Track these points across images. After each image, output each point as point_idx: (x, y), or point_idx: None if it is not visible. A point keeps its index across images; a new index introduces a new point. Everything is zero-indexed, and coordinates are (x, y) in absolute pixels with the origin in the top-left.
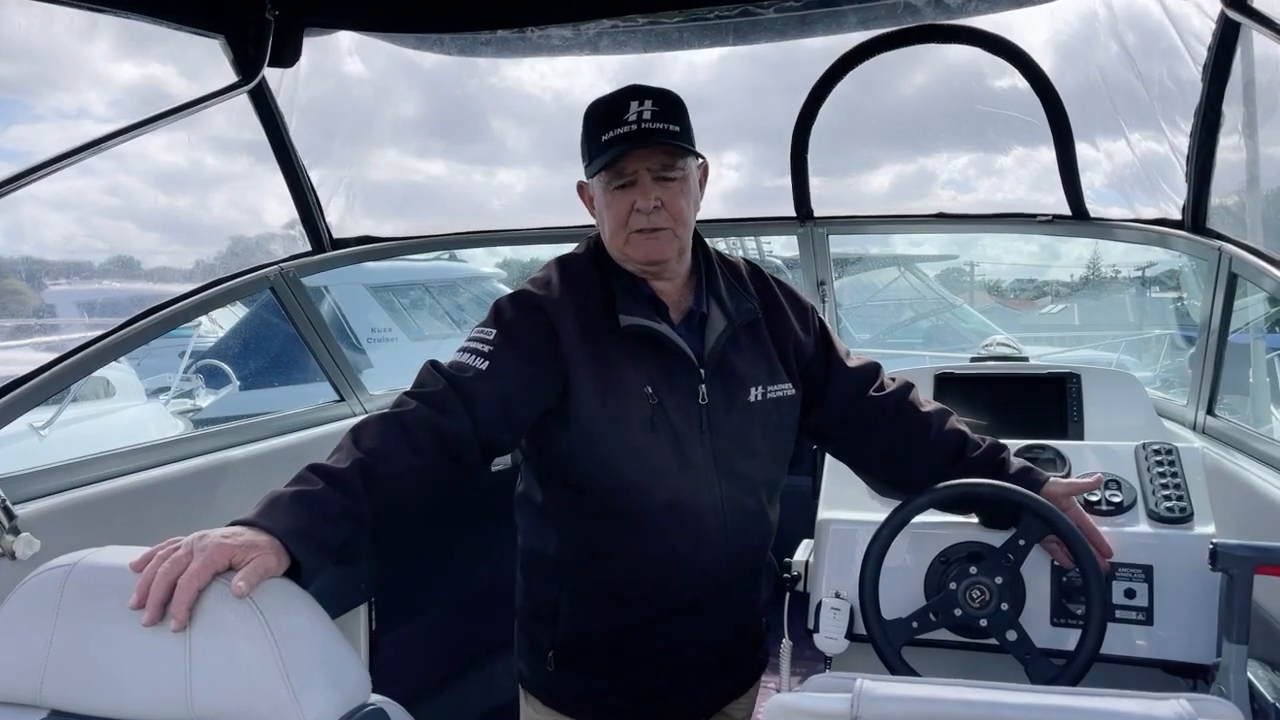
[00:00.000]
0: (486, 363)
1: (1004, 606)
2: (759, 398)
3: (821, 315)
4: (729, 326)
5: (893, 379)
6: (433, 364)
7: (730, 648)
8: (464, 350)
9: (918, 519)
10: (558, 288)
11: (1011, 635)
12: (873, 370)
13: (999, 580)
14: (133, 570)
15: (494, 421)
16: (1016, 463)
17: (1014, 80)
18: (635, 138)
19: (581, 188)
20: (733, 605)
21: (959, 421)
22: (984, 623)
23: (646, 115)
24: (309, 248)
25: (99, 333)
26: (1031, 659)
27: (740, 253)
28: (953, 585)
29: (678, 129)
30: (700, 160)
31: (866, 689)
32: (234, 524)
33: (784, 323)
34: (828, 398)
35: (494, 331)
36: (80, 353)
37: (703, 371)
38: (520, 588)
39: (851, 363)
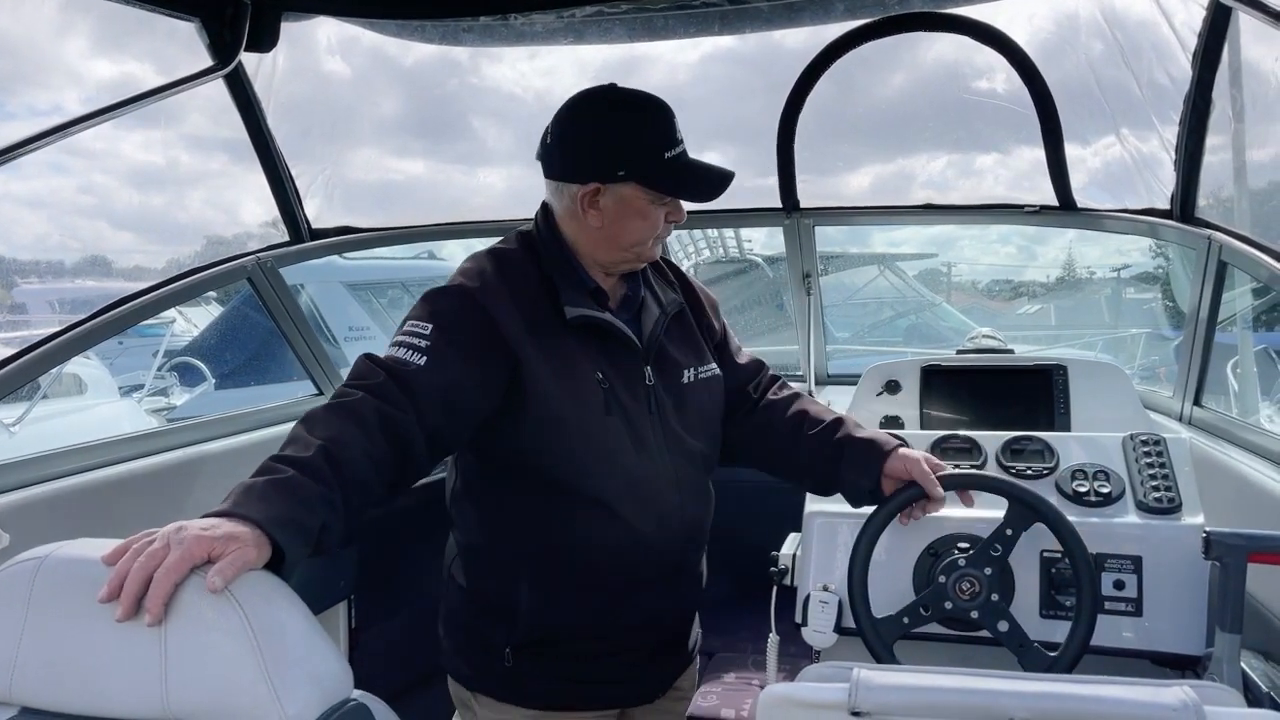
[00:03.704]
0: (424, 358)
1: (994, 597)
2: (692, 378)
3: (808, 307)
4: (662, 313)
5: (776, 376)
6: (369, 357)
7: (680, 622)
8: (398, 345)
9: None
10: (493, 279)
11: (1003, 626)
12: (755, 368)
13: (988, 571)
14: (105, 564)
15: (438, 415)
16: (861, 435)
17: (993, 83)
18: (711, 180)
19: (596, 191)
20: (683, 578)
21: (811, 403)
22: (975, 614)
23: (681, 134)
24: (287, 239)
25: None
26: (1025, 649)
27: (721, 248)
28: (942, 579)
29: None
30: None
31: (864, 678)
32: (209, 515)
33: (700, 308)
34: None
35: (429, 326)
36: (51, 341)
37: (645, 355)
38: (459, 589)
39: (740, 359)
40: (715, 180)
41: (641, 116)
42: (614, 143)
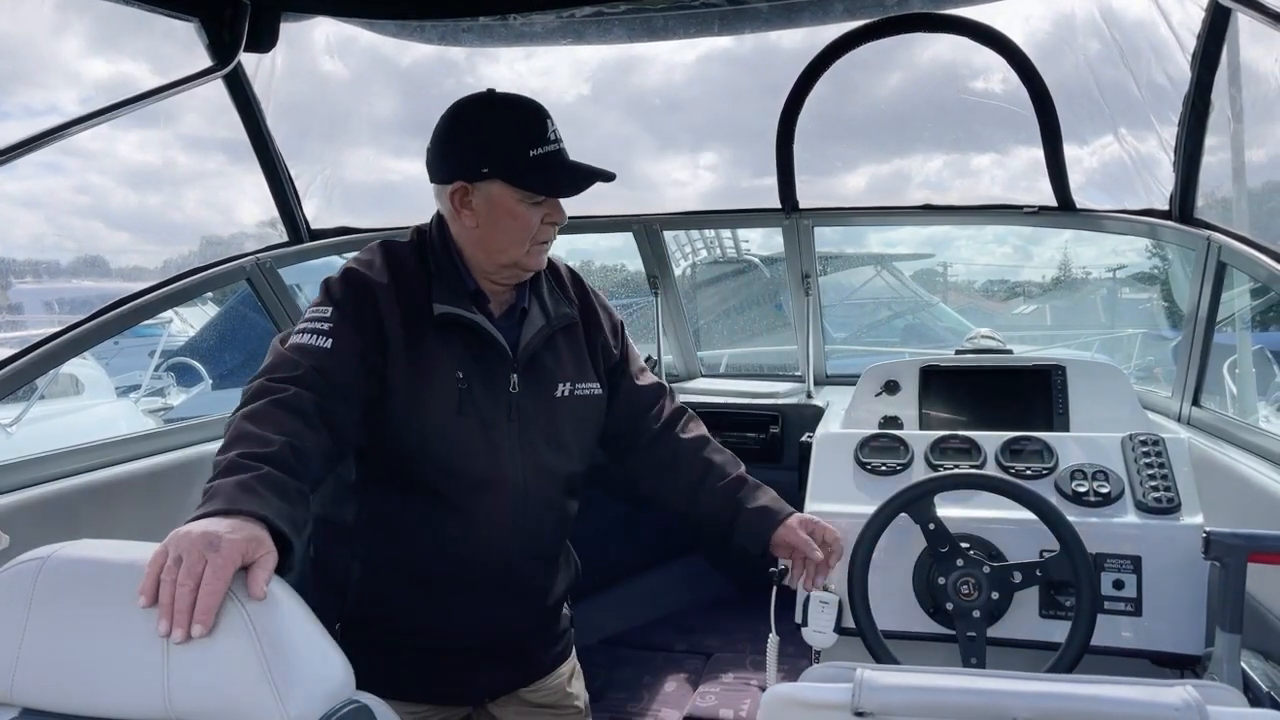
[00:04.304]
0: (330, 340)
1: (987, 570)
2: (566, 393)
3: (807, 307)
4: (547, 325)
5: (683, 409)
6: (282, 343)
7: (521, 633)
8: (304, 331)
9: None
10: (382, 269)
11: (1017, 577)
12: (656, 392)
13: (960, 562)
14: (145, 603)
15: (352, 393)
16: (756, 502)
17: (990, 84)
18: (577, 175)
19: (464, 190)
20: (525, 591)
21: (715, 451)
22: (996, 595)
23: (558, 135)
24: (285, 239)
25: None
26: (1049, 568)
27: (718, 248)
28: (949, 606)
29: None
30: None
31: (868, 678)
32: (205, 515)
33: (597, 327)
34: (610, 408)
35: (330, 309)
36: (50, 342)
37: (515, 363)
38: (310, 559)
39: (640, 381)
40: (581, 177)
41: (508, 116)
42: (479, 141)
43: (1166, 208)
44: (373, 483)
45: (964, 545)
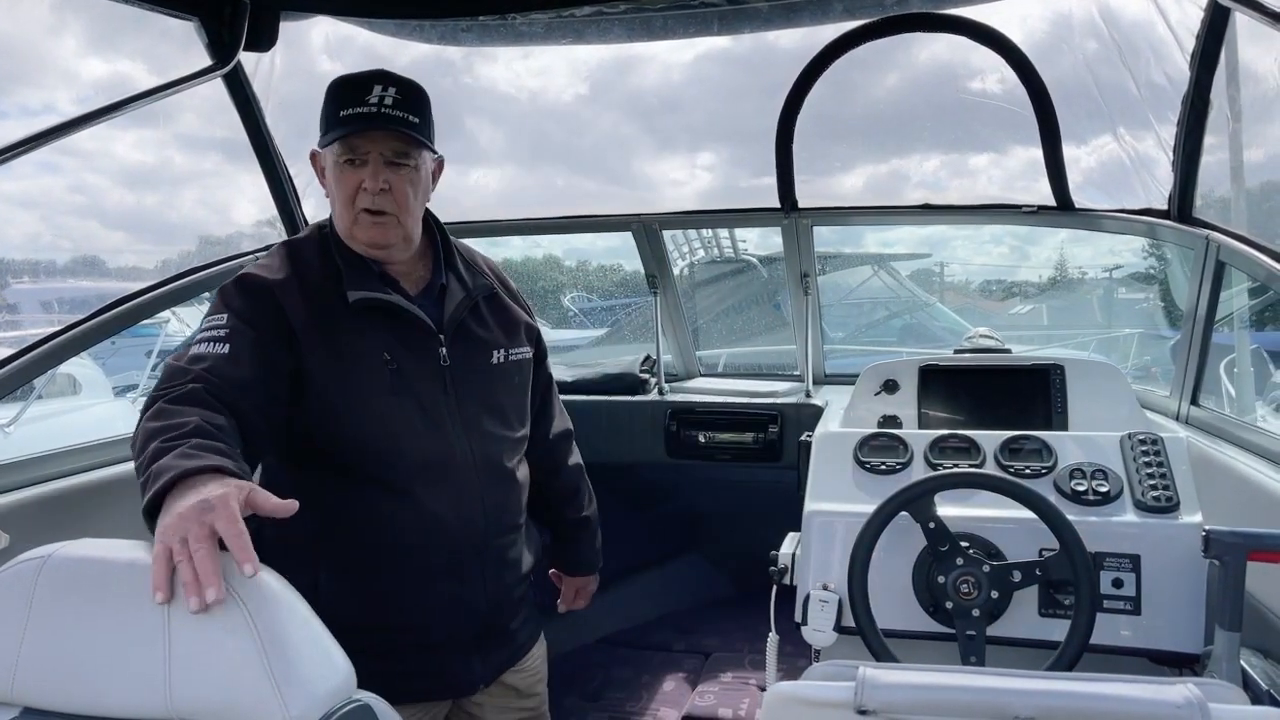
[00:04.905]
0: (226, 346)
1: (987, 569)
2: (501, 359)
3: (806, 307)
4: (468, 296)
5: (570, 430)
6: (175, 361)
7: (497, 613)
8: (200, 341)
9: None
10: (281, 268)
11: (1016, 576)
12: (556, 400)
13: (960, 561)
14: (158, 595)
15: (258, 394)
16: (580, 544)
17: (987, 83)
18: (372, 119)
19: (315, 156)
20: (494, 565)
21: (585, 483)
22: (996, 594)
23: (389, 101)
24: (284, 238)
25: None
26: (1048, 567)
27: (715, 248)
28: (949, 605)
29: (417, 120)
30: (436, 156)
31: (870, 676)
32: (161, 491)
33: (520, 301)
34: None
35: (225, 315)
36: (49, 342)
37: (443, 336)
38: None
39: (543, 378)
40: (373, 127)
41: (339, 83)
42: (321, 111)
43: (1165, 207)
44: (319, 485)
45: (964, 544)
